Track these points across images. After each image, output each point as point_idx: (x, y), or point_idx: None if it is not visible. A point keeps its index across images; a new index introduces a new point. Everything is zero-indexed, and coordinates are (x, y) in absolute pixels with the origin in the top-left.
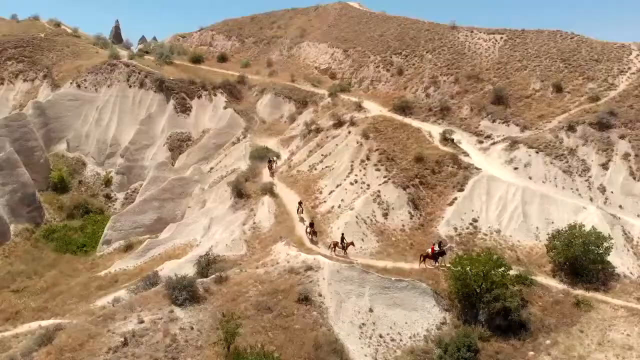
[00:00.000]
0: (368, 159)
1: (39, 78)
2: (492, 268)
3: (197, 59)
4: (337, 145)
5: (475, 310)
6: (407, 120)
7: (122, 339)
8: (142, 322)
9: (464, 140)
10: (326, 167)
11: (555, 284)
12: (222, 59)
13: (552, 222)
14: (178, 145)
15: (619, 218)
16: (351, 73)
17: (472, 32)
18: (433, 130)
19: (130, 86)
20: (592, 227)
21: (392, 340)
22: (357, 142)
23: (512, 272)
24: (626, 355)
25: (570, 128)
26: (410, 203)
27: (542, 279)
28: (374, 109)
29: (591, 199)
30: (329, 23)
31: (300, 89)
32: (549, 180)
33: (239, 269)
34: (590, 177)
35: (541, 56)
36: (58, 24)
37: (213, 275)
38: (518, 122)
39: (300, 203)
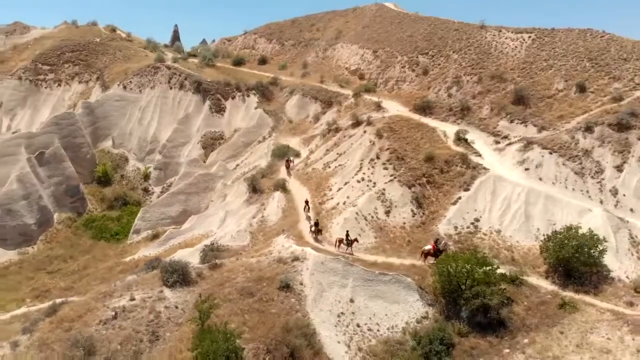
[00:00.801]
0: (378, 157)
1: (92, 80)
2: (475, 266)
3: (238, 62)
4: (352, 144)
5: (458, 306)
6: (425, 120)
7: (113, 313)
8: (133, 299)
9: (481, 141)
10: (339, 165)
11: (546, 285)
12: (263, 61)
13: (555, 224)
14: (211, 143)
15: (627, 221)
16: (378, 74)
17: (500, 31)
18: (449, 130)
19: (170, 88)
20: (589, 229)
21: (370, 330)
22: (370, 142)
23: (502, 272)
24: (602, 359)
25: (588, 129)
26: (414, 201)
27: (534, 279)
28: (395, 108)
29: (601, 202)
30: (363, 24)
31: (327, 90)
32: (559, 182)
33: (236, 257)
34: (603, 179)
35: (568, 55)
36: (114, 29)
37: (208, 262)
38: (536, 122)
39: (306, 202)
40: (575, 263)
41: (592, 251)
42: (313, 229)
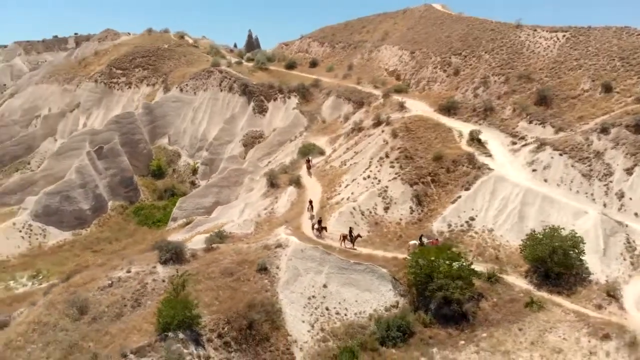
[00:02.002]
0: (387, 156)
1: (158, 83)
2: (444, 260)
3: (290, 65)
4: (368, 143)
5: (428, 298)
6: (445, 120)
7: (110, 282)
8: (129, 272)
9: (498, 142)
10: (353, 163)
11: (522, 283)
12: (313, 64)
13: (548, 225)
14: (251, 141)
15: (627, 225)
16: (411, 74)
17: (535, 30)
18: (465, 130)
19: (221, 90)
20: (571, 230)
21: (337, 313)
22: (384, 141)
23: (479, 269)
24: (552, 358)
25: (604, 130)
26: (415, 199)
27: (512, 278)
28: (420, 109)
29: (605, 205)
30: (408, 26)
31: (360, 91)
32: (564, 183)
33: (233, 242)
34: (611, 181)
35: (600, 54)
36: (182, 36)
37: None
38: (555, 123)
39: (310, 202)
40: (550, 264)
41: (570, 252)
42: (317, 226)
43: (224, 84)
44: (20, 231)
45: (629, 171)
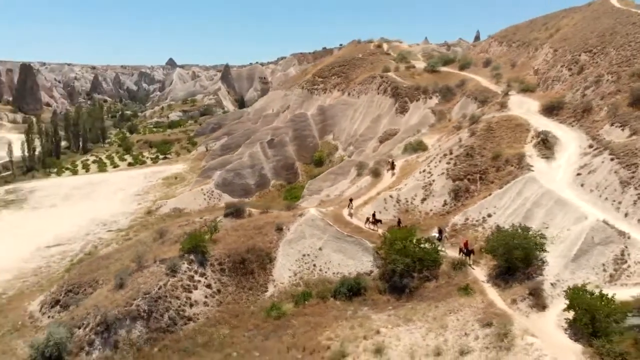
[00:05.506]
0: (451, 153)
1: (345, 89)
2: (402, 239)
3: (463, 66)
4: (449, 140)
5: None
6: (534, 120)
7: (187, 222)
8: (202, 218)
9: (575, 144)
10: (426, 158)
11: (480, 273)
12: (487, 64)
13: (547, 227)
14: (386, 138)
15: (629, 237)
16: (543, 73)
17: None
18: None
19: (378, 93)
20: (536, 230)
21: (320, 270)
22: (459, 139)
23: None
24: (433, 330)
25: None
26: (452, 193)
27: (478, 269)
28: (524, 108)
29: (626, 214)
30: (574, 22)
31: (489, 90)
32: (598, 189)
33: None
34: None
35: None
36: (379, 45)
37: (259, 209)
38: (635, 126)
39: (350, 200)
40: (500, 259)
41: (528, 251)
42: (371, 219)
43: (380, 88)
44: (205, 194)
45: None
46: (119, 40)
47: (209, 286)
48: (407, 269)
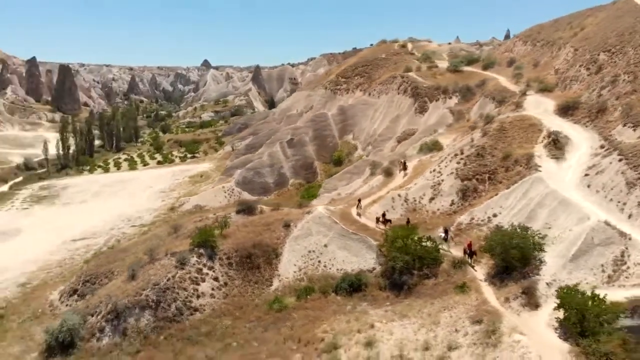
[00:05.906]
0: (462, 152)
1: (367, 88)
2: (402, 238)
3: (487, 65)
4: (461, 140)
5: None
6: (547, 120)
7: (200, 218)
8: (215, 214)
9: (587, 144)
10: (437, 157)
11: (479, 272)
12: (510, 63)
13: (550, 228)
14: (404, 138)
15: (630, 238)
16: (562, 72)
17: None
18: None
19: (398, 93)
20: (533, 231)
21: (324, 266)
22: (471, 139)
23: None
24: (426, 326)
25: None
26: (459, 193)
27: (479, 267)
28: (541, 108)
29: (630, 216)
30: (597, 21)
31: (508, 90)
32: (604, 190)
33: (295, 208)
34: None
35: None
36: (403, 45)
37: (270, 207)
38: None
39: (359, 200)
40: (497, 258)
41: (525, 251)
42: (381, 219)
43: (401, 88)
44: (225, 192)
45: None
46: (157, 42)
47: (216, 279)
48: (406, 266)
